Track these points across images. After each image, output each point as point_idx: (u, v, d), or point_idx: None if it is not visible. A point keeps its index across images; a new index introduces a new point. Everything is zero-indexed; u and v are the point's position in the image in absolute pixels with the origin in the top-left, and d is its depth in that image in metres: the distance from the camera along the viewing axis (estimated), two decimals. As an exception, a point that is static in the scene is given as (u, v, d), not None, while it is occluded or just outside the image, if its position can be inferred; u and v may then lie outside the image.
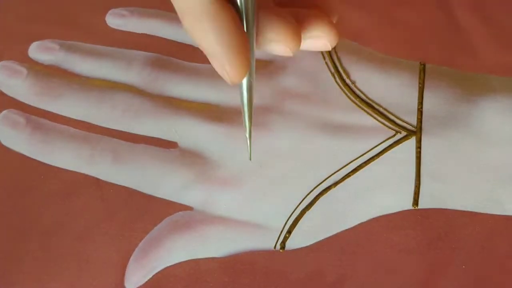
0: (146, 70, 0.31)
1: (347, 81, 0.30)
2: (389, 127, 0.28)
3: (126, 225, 0.27)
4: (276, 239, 0.27)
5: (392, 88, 0.29)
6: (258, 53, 0.31)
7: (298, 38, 0.23)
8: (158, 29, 0.32)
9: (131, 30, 0.33)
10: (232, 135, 0.29)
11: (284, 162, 0.28)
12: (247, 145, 0.26)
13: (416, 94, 0.29)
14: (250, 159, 0.26)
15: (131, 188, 0.28)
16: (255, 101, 0.29)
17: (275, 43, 0.23)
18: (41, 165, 0.29)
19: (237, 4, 0.21)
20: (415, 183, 0.27)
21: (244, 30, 0.22)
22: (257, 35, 0.23)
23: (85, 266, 0.27)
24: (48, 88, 0.31)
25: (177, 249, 0.27)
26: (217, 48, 0.21)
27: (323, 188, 0.27)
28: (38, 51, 0.32)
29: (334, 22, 0.25)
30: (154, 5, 0.33)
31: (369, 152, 0.28)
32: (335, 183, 0.27)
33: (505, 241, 0.26)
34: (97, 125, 0.30)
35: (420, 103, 0.29)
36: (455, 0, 0.31)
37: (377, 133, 0.28)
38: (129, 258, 0.27)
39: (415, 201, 0.27)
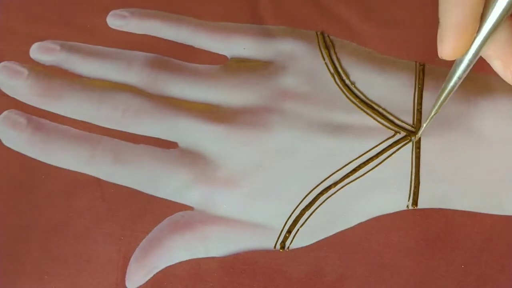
0: (146, 70, 0.31)
1: (347, 81, 0.30)
2: (389, 128, 0.28)
3: (126, 225, 0.27)
4: (276, 239, 0.27)
5: (392, 89, 0.29)
6: (258, 53, 0.31)
7: None
8: (158, 30, 0.33)
9: (132, 31, 0.33)
10: (232, 135, 0.29)
11: (283, 162, 0.28)
12: (426, 122, 0.26)
13: (415, 95, 0.29)
14: (415, 138, 0.27)
15: (131, 188, 0.28)
16: (256, 100, 0.30)
17: (498, 61, 0.22)
18: (42, 165, 0.29)
19: (492, 4, 0.21)
20: (414, 183, 0.27)
21: (475, 23, 0.21)
22: (488, 41, 0.22)
23: (86, 266, 0.27)
24: (49, 88, 0.31)
25: (178, 249, 0.27)
26: (444, 20, 0.21)
27: (323, 188, 0.27)
28: (39, 52, 0.32)
29: None
30: (155, 6, 0.33)
31: (369, 152, 0.28)
32: (335, 183, 0.28)
33: (504, 241, 0.26)
34: (97, 125, 0.30)
35: (420, 103, 0.29)
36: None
37: (377, 134, 0.28)
38: (130, 258, 0.27)
39: (414, 201, 0.27)
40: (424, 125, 0.26)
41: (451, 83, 0.24)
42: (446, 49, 0.22)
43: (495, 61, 0.23)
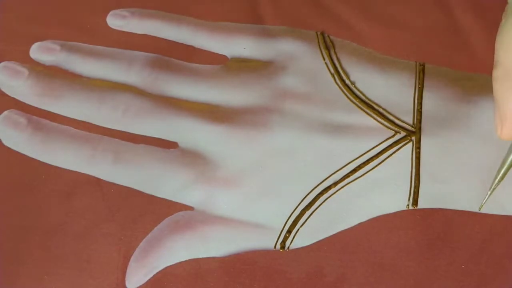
0: (147, 70, 0.31)
1: (347, 81, 0.30)
2: (389, 128, 0.28)
3: (127, 225, 0.27)
4: (276, 239, 0.27)
5: (392, 89, 0.29)
6: (258, 53, 0.31)
7: None
8: (158, 30, 0.33)
9: (132, 31, 0.33)
10: (232, 135, 0.29)
11: (284, 162, 0.28)
12: (486, 196, 0.27)
13: (415, 95, 0.29)
14: (480, 209, 0.27)
15: (132, 188, 0.28)
16: (256, 100, 0.30)
17: None
18: (42, 165, 0.29)
19: None
20: (415, 183, 0.27)
21: None
22: None
23: (86, 266, 0.27)
24: (49, 88, 0.31)
25: (178, 249, 0.27)
26: (504, 106, 0.24)
27: (323, 188, 0.28)
28: (39, 52, 0.32)
29: None
30: (155, 6, 0.33)
31: (369, 152, 0.28)
32: (335, 183, 0.28)
33: (505, 241, 0.26)
34: (97, 125, 0.30)
35: (420, 103, 0.29)
36: (454, 0, 0.31)
37: (377, 134, 0.28)
38: (130, 258, 0.27)
39: (415, 201, 0.27)
40: (486, 198, 0.27)
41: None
42: (506, 134, 0.25)
43: None
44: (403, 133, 0.28)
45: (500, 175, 0.26)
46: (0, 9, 0.34)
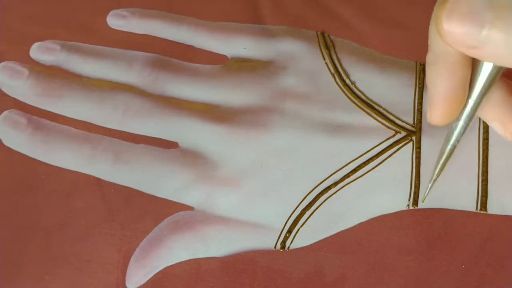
0: (147, 70, 0.31)
1: (347, 81, 0.30)
2: (389, 127, 0.28)
3: (127, 225, 0.27)
4: (276, 238, 0.27)
5: (392, 89, 0.29)
6: (258, 53, 0.31)
7: None
8: (159, 30, 0.33)
9: (132, 31, 0.33)
10: (233, 135, 0.29)
11: (284, 162, 0.28)
12: (427, 188, 0.26)
13: (416, 95, 0.29)
14: (423, 201, 0.27)
15: (132, 188, 0.28)
16: (256, 100, 0.30)
17: (496, 122, 0.24)
18: (42, 165, 0.29)
19: (479, 69, 0.21)
20: (415, 183, 0.27)
21: (463, 91, 0.22)
22: (483, 104, 0.23)
23: (86, 266, 0.27)
24: (49, 88, 0.31)
25: (178, 249, 0.27)
26: (433, 90, 0.22)
27: (323, 188, 0.27)
28: (40, 52, 0.32)
29: None
30: (155, 6, 0.33)
31: (369, 152, 0.28)
32: (335, 183, 0.28)
33: (505, 241, 0.26)
34: (98, 125, 0.30)
35: (420, 103, 0.29)
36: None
37: (377, 133, 0.28)
38: (130, 258, 0.27)
39: (415, 201, 0.27)
40: (427, 190, 0.26)
41: (449, 147, 0.24)
42: (435, 117, 0.23)
43: (492, 123, 0.24)
44: (403, 133, 0.28)
45: (440, 165, 0.25)
46: (0, 9, 0.34)
